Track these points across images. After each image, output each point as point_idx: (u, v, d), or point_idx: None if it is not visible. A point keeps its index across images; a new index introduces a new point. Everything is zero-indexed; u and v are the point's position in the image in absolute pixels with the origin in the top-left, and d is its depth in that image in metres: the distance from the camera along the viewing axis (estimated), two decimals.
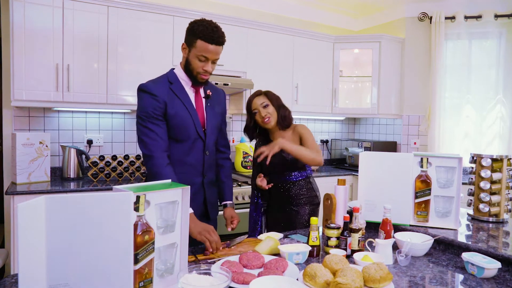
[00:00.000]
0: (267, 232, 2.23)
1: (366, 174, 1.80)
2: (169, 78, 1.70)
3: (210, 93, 1.78)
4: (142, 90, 1.65)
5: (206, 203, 1.78)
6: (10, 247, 2.56)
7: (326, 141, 4.43)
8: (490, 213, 1.85)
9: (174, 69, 1.75)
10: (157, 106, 1.62)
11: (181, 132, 1.67)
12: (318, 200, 2.18)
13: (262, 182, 2.04)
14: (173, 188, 1.11)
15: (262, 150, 1.90)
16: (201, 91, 1.78)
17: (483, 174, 1.85)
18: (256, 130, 2.19)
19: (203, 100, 1.77)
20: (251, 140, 2.25)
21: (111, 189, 2.34)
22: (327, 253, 1.44)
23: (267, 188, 2.05)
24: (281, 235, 1.68)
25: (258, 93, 2.13)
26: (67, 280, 0.88)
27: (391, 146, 4.08)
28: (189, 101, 1.70)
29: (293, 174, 2.12)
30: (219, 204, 1.91)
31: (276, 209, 2.17)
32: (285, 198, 2.13)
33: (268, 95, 2.12)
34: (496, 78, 3.69)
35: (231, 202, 1.88)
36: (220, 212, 1.89)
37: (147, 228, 1.01)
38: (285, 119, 2.11)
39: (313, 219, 1.48)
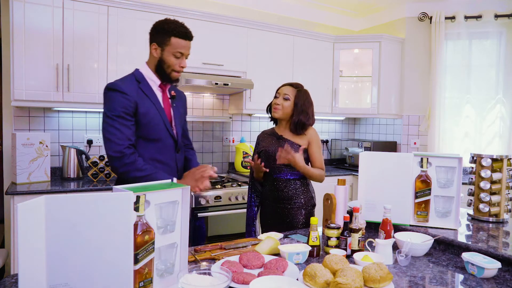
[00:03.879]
0: (261, 229, 2.23)
1: (366, 174, 1.80)
2: (137, 77, 1.69)
3: (175, 94, 1.81)
4: (112, 89, 1.62)
5: None
6: (10, 247, 2.56)
7: (326, 141, 4.44)
8: (490, 213, 1.85)
9: (138, 69, 1.74)
10: (128, 105, 1.60)
11: (152, 130, 1.68)
12: (314, 202, 2.16)
13: (256, 163, 2.05)
14: (173, 188, 1.11)
15: (286, 155, 1.94)
16: (167, 91, 1.80)
17: (483, 174, 1.85)
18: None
19: (169, 100, 1.78)
20: (271, 119, 2.23)
21: (111, 189, 2.34)
22: (327, 253, 1.44)
23: (262, 168, 2.05)
24: (281, 235, 1.67)
25: (294, 85, 2.12)
26: (67, 280, 0.88)
27: (391, 146, 4.08)
28: (158, 101, 1.71)
29: (290, 171, 2.08)
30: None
31: (270, 207, 2.14)
32: (279, 196, 2.09)
33: (299, 93, 2.08)
34: (496, 78, 3.69)
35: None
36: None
37: (147, 228, 1.01)
38: (298, 124, 2.07)
39: (313, 219, 1.48)
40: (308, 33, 3.75)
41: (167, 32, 1.65)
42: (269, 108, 2.21)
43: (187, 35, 1.68)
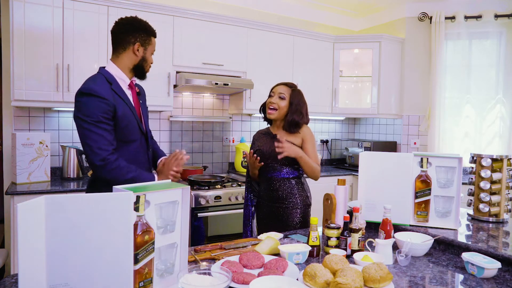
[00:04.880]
0: (257, 229, 2.22)
1: (366, 174, 1.80)
2: (107, 78, 1.64)
3: (139, 90, 1.82)
4: (88, 94, 1.55)
5: None
6: (10, 247, 2.56)
7: (326, 141, 4.43)
8: (490, 213, 1.85)
9: (105, 67, 1.70)
10: (107, 109, 1.56)
11: (129, 132, 1.66)
12: (309, 201, 2.15)
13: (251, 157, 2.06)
14: (173, 188, 1.11)
15: (282, 146, 1.92)
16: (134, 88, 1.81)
17: (483, 174, 1.85)
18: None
19: (137, 97, 1.79)
20: (265, 119, 2.24)
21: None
22: (327, 253, 1.44)
23: (257, 164, 2.05)
24: (281, 235, 1.68)
25: (289, 84, 2.13)
26: (67, 280, 0.88)
27: (391, 146, 4.08)
28: (130, 101, 1.69)
29: (284, 169, 2.08)
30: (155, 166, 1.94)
31: (265, 206, 2.13)
32: (275, 195, 2.09)
33: (293, 92, 2.10)
34: (496, 78, 3.69)
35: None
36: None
37: (147, 228, 1.01)
38: (292, 123, 2.07)
39: (313, 219, 1.48)
40: (308, 33, 3.75)
41: (149, 33, 1.71)
42: (263, 108, 2.22)
43: (156, 34, 1.78)
